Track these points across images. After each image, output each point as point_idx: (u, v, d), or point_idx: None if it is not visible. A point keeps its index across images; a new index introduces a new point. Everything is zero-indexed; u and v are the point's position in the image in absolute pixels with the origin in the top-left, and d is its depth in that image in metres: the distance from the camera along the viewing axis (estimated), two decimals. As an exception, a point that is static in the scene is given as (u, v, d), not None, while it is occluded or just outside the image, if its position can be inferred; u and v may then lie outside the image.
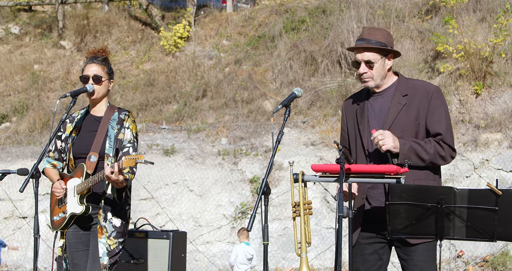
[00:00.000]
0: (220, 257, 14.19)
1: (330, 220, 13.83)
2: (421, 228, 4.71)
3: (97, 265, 5.93)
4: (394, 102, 5.27)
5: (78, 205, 5.96)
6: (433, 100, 5.24)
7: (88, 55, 6.32)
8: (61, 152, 6.25)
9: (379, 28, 5.55)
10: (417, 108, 5.22)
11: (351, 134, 5.47)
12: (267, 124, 16.45)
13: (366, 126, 5.32)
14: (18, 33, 23.25)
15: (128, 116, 6.18)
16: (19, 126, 18.47)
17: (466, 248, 12.60)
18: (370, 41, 5.29)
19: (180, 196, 15.25)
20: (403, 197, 4.67)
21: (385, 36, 5.36)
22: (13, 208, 15.50)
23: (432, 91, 5.27)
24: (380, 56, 5.29)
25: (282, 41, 18.93)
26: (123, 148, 6.06)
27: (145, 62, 20.51)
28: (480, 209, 4.58)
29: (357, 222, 5.23)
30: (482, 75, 14.89)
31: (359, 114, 5.41)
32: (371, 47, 5.26)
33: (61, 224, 6.12)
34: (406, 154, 5.04)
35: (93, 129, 6.13)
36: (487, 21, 16.30)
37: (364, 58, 5.29)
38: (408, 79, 5.46)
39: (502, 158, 13.24)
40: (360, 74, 5.32)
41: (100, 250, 5.94)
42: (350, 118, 5.50)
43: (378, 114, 5.32)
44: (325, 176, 5.04)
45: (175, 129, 17.20)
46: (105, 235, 5.96)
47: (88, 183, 5.89)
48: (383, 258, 5.27)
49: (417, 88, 5.31)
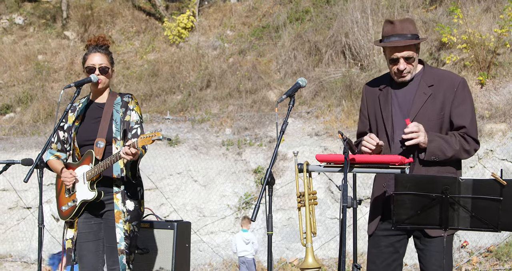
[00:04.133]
0: (224, 247, 14.20)
1: (335, 210, 13.83)
2: (426, 218, 4.70)
3: (115, 253, 5.92)
4: (420, 92, 5.20)
5: (89, 191, 5.95)
6: (459, 92, 5.17)
7: (89, 43, 6.27)
8: (64, 142, 6.24)
9: (405, 18, 5.37)
10: (442, 100, 5.16)
11: (372, 120, 5.40)
12: (271, 114, 16.44)
13: (390, 115, 5.25)
14: (22, 24, 23.24)
15: (131, 99, 6.19)
16: (23, 116, 18.48)
17: (470, 238, 12.59)
18: (406, 36, 5.16)
19: (184, 186, 15.26)
20: (407, 187, 4.66)
21: (414, 26, 5.25)
22: (18, 198, 15.53)
23: (458, 83, 5.20)
24: (415, 50, 5.21)
25: (286, 31, 18.89)
26: (131, 129, 6.07)
27: (149, 53, 20.50)
28: (484, 199, 4.56)
29: (376, 212, 5.24)
30: (487, 66, 14.85)
31: (382, 101, 5.33)
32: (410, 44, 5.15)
33: (70, 213, 6.10)
34: (433, 151, 5.02)
35: (97, 116, 6.12)
36: (492, 11, 16.24)
37: (404, 56, 5.17)
38: (433, 69, 5.37)
39: (506, 148, 13.22)
40: (401, 71, 5.20)
41: (118, 235, 5.93)
42: (371, 103, 5.43)
43: (402, 104, 5.24)
44: (329, 166, 5.03)
45: (179, 119, 17.20)
46: (122, 220, 5.95)
47: (99, 168, 5.88)
48: (399, 251, 5.23)
49: (443, 79, 5.24)
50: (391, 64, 5.24)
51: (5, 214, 15.65)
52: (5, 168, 6.62)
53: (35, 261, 14.41)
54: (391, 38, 5.21)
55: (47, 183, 13.61)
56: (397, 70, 5.21)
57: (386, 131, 5.26)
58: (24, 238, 15.20)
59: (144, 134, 5.60)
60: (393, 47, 5.18)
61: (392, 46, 5.17)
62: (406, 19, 5.32)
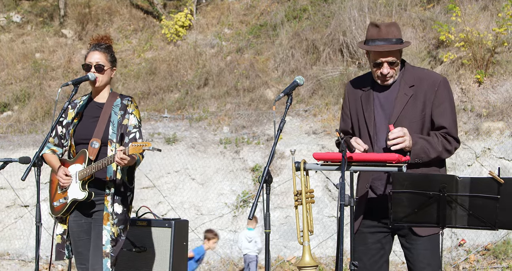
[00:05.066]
0: (222, 245, 14.19)
1: (332, 208, 13.84)
2: (423, 216, 4.70)
3: (99, 253, 5.93)
4: (401, 93, 5.19)
5: (81, 191, 5.96)
6: (439, 92, 5.17)
7: (91, 42, 6.29)
8: (61, 137, 6.24)
9: (390, 22, 5.33)
10: (423, 100, 5.16)
11: (354, 120, 5.41)
12: (269, 113, 16.43)
13: (372, 116, 5.25)
14: (19, 22, 23.21)
15: (131, 102, 6.18)
16: (21, 115, 18.47)
17: (467, 237, 12.60)
18: (391, 41, 5.13)
19: (182, 184, 15.26)
20: (405, 185, 4.66)
21: (399, 30, 5.23)
22: (15, 197, 15.52)
23: (438, 82, 5.19)
24: (399, 54, 5.20)
25: (284, 29, 18.88)
26: (129, 134, 6.06)
27: (147, 51, 20.49)
28: (482, 197, 4.57)
29: (359, 210, 5.23)
30: (485, 64, 14.85)
31: (364, 101, 5.32)
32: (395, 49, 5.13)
33: (61, 209, 6.11)
34: (418, 154, 5.03)
35: (95, 115, 6.12)
36: (489, 9, 16.25)
37: (388, 60, 5.14)
38: (414, 68, 5.36)
39: (504, 146, 13.23)
40: (384, 75, 5.18)
41: (104, 237, 5.93)
42: (353, 102, 5.43)
43: (384, 104, 5.24)
44: (327, 164, 5.03)
45: (177, 118, 17.19)
46: (110, 222, 5.95)
47: (91, 169, 5.88)
48: (385, 247, 5.26)
49: (424, 79, 5.22)
50: (374, 68, 5.22)
51: (2, 212, 15.64)
52: (2, 166, 6.62)
53: (32, 259, 14.41)
54: (376, 42, 5.17)
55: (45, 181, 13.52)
56: (381, 74, 5.19)
57: (368, 132, 5.27)
58: (21, 236, 15.19)
59: (136, 143, 5.62)
60: (378, 52, 5.15)
61: (378, 50, 5.15)
62: (392, 23, 5.29)
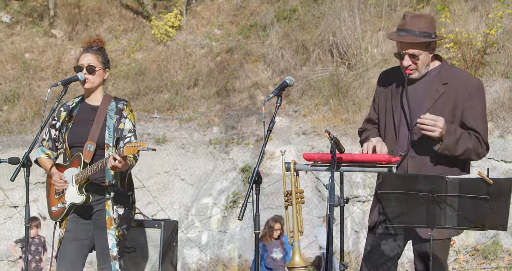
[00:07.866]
0: (212, 246, 14.19)
1: (322, 209, 13.84)
2: (413, 216, 4.71)
3: (107, 258, 5.91)
4: (433, 88, 5.12)
5: (78, 194, 5.93)
6: (473, 96, 5.10)
7: (84, 45, 6.27)
8: (55, 141, 6.21)
9: (422, 14, 5.23)
10: (455, 100, 5.08)
11: (382, 110, 5.35)
12: (259, 113, 16.43)
13: (399, 107, 5.18)
14: (9, 22, 23.12)
15: (126, 106, 6.16)
16: (10, 115, 18.40)
17: (457, 237, 12.50)
18: (413, 32, 5.06)
19: (171, 185, 15.25)
20: (394, 186, 4.66)
21: (428, 23, 5.13)
22: (4, 197, 15.47)
23: (472, 85, 5.13)
24: (424, 47, 5.11)
25: (274, 30, 18.87)
26: (124, 138, 6.04)
27: (137, 51, 20.44)
28: (471, 198, 4.57)
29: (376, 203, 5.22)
30: (474, 65, 14.88)
31: (394, 92, 5.26)
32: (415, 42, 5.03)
33: (60, 214, 6.08)
34: (447, 145, 4.96)
35: (90, 118, 6.09)
36: (479, 10, 16.28)
37: (408, 52, 5.08)
38: (450, 67, 5.31)
39: (493, 147, 13.25)
40: (405, 67, 5.12)
41: (110, 241, 5.92)
42: (383, 93, 5.37)
43: (414, 98, 5.14)
44: (316, 165, 5.03)
45: (167, 118, 17.16)
46: (113, 226, 5.94)
47: (87, 172, 5.86)
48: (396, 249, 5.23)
49: (459, 79, 5.14)
50: (398, 59, 5.18)
51: (-9, 213, 15.60)
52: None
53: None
54: (399, 32, 5.12)
55: (34, 181, 13.56)
56: (402, 65, 5.14)
57: (394, 123, 5.20)
58: (10, 236, 15.12)
59: (130, 143, 5.59)
60: (398, 42, 5.12)
61: (398, 41, 5.11)
62: (421, 15, 5.22)
